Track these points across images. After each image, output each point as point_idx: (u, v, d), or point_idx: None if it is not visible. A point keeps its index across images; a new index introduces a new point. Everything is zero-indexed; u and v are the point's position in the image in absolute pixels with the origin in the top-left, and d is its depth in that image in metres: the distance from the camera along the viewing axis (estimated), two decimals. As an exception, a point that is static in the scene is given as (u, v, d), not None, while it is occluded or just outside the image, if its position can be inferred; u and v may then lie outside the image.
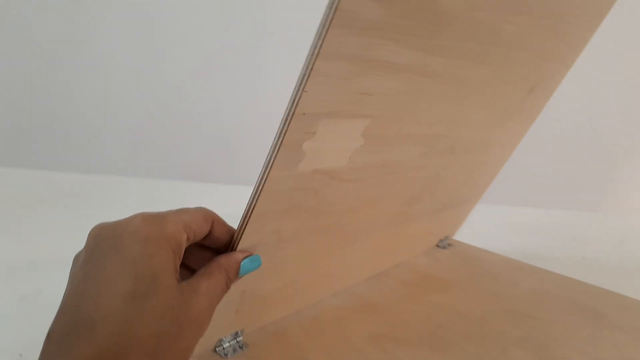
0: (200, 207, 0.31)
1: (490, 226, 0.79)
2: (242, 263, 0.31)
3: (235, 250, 0.31)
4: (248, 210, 0.30)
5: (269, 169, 0.27)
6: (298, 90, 0.25)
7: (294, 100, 0.25)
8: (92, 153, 1.44)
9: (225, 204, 0.93)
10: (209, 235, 0.31)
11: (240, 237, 0.31)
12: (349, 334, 0.40)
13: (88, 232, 0.28)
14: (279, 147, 0.27)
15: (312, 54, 0.23)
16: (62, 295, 0.26)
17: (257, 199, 0.29)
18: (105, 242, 0.26)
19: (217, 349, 0.36)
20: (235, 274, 0.31)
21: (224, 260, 0.30)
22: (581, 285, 0.53)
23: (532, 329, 0.43)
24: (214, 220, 0.31)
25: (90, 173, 1.12)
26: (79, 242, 0.29)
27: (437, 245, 0.63)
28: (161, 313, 0.25)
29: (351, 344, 0.39)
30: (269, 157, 0.27)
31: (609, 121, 1.23)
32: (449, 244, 0.64)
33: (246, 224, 0.30)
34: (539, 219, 0.93)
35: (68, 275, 0.27)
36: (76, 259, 0.28)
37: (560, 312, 0.47)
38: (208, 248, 0.32)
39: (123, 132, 1.42)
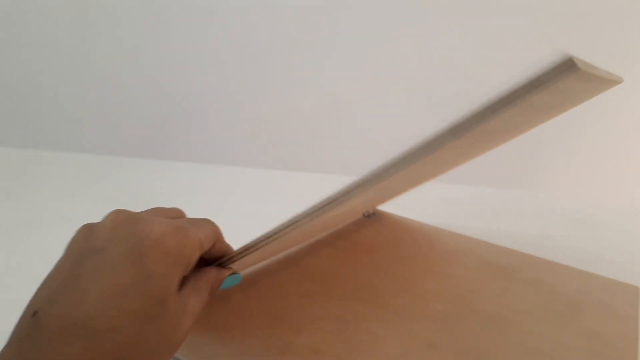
0: (209, 221, 0.32)
1: (418, 201, 0.84)
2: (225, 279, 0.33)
3: (223, 266, 0.33)
4: (252, 246, 0.31)
5: (288, 228, 0.30)
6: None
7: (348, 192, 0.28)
8: (34, 128, 1.38)
9: (162, 180, 0.93)
10: (208, 249, 0.31)
11: (235, 261, 0.32)
12: (285, 292, 0.43)
13: (106, 215, 0.28)
14: (311, 219, 0.29)
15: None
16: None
17: (268, 244, 0.31)
18: (123, 240, 0.26)
19: None
20: (217, 288, 0.32)
21: (213, 275, 0.31)
22: (492, 247, 0.59)
23: (450, 284, 0.47)
24: (217, 237, 0.32)
25: (34, 148, 1.08)
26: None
27: (364, 215, 0.67)
28: (160, 336, 0.25)
29: (287, 300, 0.41)
30: (292, 221, 0.29)
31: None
32: (373, 213, 0.68)
33: (245, 256, 0.32)
34: (462, 194, 0.99)
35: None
36: (86, 235, 0.27)
37: (474, 270, 0.51)
38: None
39: (66, 106, 1.36)
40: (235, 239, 0.35)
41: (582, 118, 1.34)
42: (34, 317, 0.23)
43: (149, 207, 0.32)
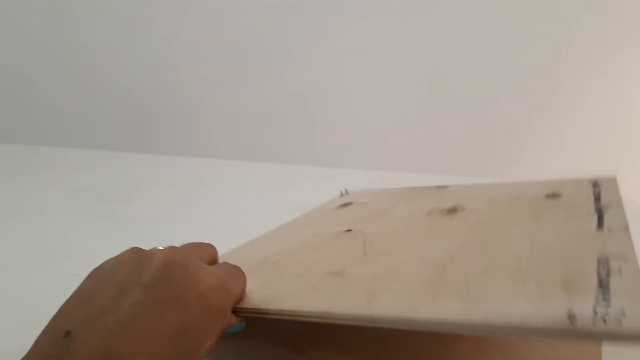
0: (241, 271, 0.33)
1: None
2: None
3: (236, 313, 0.32)
4: (272, 313, 0.31)
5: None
6: None
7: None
8: (7, 122, 1.36)
9: (135, 172, 0.93)
10: None
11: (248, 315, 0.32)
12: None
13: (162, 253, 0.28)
14: None
15: None
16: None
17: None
18: (172, 284, 0.26)
19: None
20: (224, 332, 0.30)
21: (226, 321, 0.30)
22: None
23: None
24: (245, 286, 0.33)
25: (7, 142, 1.10)
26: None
27: (340, 192, 0.69)
28: None
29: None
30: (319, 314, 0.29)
31: (502, 102, 1.35)
32: (347, 192, 0.69)
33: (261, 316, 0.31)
34: (431, 183, 0.99)
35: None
36: (135, 263, 0.27)
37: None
38: None
39: (39, 101, 1.34)
40: (210, 230, 0.35)
41: (548, 107, 1.37)
42: (66, 339, 0.23)
43: (123, 199, 0.30)
